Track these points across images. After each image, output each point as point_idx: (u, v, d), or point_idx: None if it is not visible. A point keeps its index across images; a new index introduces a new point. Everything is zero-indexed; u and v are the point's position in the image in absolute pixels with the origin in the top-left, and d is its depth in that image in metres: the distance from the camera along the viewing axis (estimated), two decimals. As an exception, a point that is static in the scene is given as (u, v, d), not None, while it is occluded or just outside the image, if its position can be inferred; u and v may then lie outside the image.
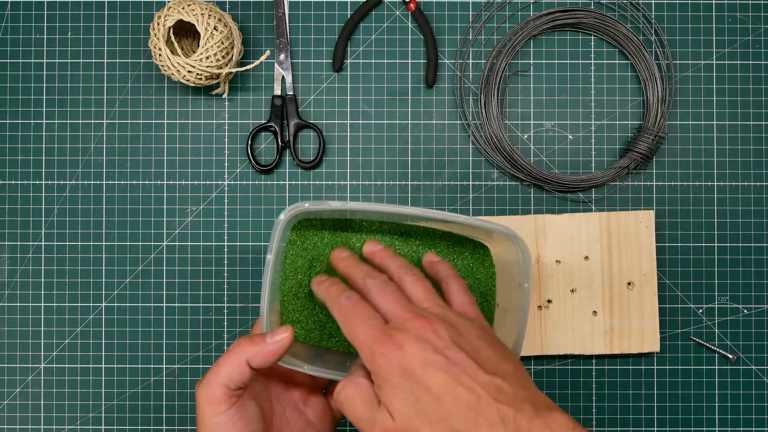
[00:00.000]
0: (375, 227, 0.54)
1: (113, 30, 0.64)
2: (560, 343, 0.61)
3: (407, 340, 0.40)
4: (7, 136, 0.63)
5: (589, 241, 0.61)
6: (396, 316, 0.42)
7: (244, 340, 0.45)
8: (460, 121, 0.64)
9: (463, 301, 0.46)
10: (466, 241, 0.54)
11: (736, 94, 0.64)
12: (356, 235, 0.54)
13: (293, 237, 0.53)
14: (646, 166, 0.63)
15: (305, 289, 0.53)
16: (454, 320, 0.42)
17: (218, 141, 0.63)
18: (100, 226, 0.63)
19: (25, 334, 0.63)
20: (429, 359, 0.39)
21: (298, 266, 0.53)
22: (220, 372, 0.44)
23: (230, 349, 0.45)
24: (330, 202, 0.48)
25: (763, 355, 0.63)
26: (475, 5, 0.64)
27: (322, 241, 0.53)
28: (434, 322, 0.41)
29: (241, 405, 0.45)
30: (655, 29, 0.63)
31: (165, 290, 0.63)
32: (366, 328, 0.41)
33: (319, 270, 0.53)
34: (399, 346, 0.40)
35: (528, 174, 0.62)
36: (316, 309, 0.53)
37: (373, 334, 0.41)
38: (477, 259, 0.54)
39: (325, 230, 0.53)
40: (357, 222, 0.54)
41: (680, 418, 0.63)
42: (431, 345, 0.40)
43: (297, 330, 0.53)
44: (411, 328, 0.40)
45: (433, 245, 0.54)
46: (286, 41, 0.63)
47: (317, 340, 0.53)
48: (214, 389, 0.44)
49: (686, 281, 0.63)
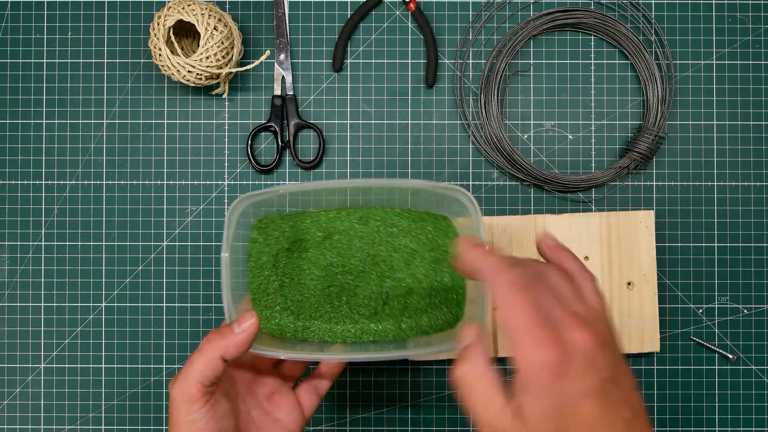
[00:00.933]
0: (332, 215, 0.54)
1: (113, 30, 0.64)
2: (560, 343, 0.61)
3: (575, 357, 0.37)
4: (7, 136, 0.63)
5: (589, 241, 0.61)
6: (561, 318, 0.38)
7: (214, 335, 0.45)
8: (460, 121, 0.64)
9: (600, 303, 0.42)
10: (426, 215, 0.55)
11: (736, 94, 0.64)
12: (315, 225, 0.54)
13: (255, 235, 0.54)
14: (646, 166, 0.63)
15: (274, 284, 0.54)
16: (609, 337, 0.39)
17: (218, 141, 0.63)
18: (100, 226, 0.63)
19: (25, 334, 0.63)
20: (590, 386, 0.36)
21: (263, 263, 0.54)
22: (194, 369, 0.44)
23: (201, 346, 0.45)
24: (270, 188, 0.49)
25: (763, 355, 0.63)
26: (475, 5, 0.64)
27: (283, 234, 0.54)
28: (599, 337, 0.38)
29: (214, 402, 0.45)
30: (655, 29, 0.63)
31: (165, 290, 0.63)
32: (530, 322, 0.37)
33: (285, 264, 0.54)
34: (566, 361, 0.36)
35: (528, 174, 0.62)
36: (288, 302, 0.53)
37: (538, 334, 0.37)
38: (440, 230, 0.55)
39: (285, 225, 0.54)
40: (315, 213, 0.54)
41: (680, 418, 0.63)
42: (596, 370, 0.37)
43: (271, 326, 0.53)
44: (579, 343, 0.37)
45: (394, 225, 0.54)
46: (286, 41, 0.63)
47: (292, 332, 0.53)
48: (189, 387, 0.44)
49: (686, 281, 0.63)
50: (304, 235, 0.55)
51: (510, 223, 0.61)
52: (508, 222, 0.61)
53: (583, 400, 0.36)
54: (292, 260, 0.54)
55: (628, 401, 0.38)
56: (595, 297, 0.42)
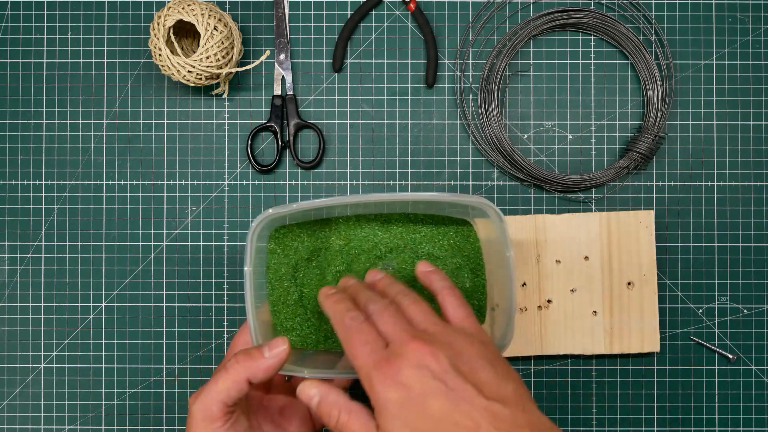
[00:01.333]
0: (352, 221, 0.53)
1: (113, 30, 0.64)
2: (560, 343, 0.61)
3: (405, 366, 0.39)
4: (7, 136, 0.63)
5: (589, 241, 0.61)
6: (395, 339, 0.41)
7: (243, 357, 0.45)
8: (460, 121, 0.64)
9: (460, 315, 0.45)
10: (448, 221, 0.54)
11: (736, 94, 0.64)
12: (335, 233, 0.54)
13: (273, 246, 0.53)
14: (646, 166, 0.63)
15: (293, 295, 0.53)
16: (453, 339, 0.42)
17: (218, 141, 0.63)
18: (100, 226, 0.63)
19: (25, 334, 0.63)
20: (427, 386, 0.39)
21: (282, 274, 0.53)
22: (219, 388, 0.44)
23: (229, 366, 0.44)
24: (293, 204, 0.47)
25: (763, 355, 0.63)
26: (475, 5, 0.64)
27: (302, 244, 0.53)
28: (432, 344, 0.40)
29: (234, 421, 0.45)
30: (655, 29, 0.63)
31: (165, 290, 0.63)
32: (366, 351, 0.41)
33: (305, 274, 0.53)
34: (397, 372, 0.39)
35: (528, 174, 0.62)
36: (308, 314, 0.53)
37: (373, 358, 0.40)
38: (462, 236, 0.54)
39: (304, 234, 0.53)
40: (334, 220, 0.54)
41: (680, 418, 0.63)
42: (429, 370, 0.39)
43: (293, 337, 0.53)
44: (409, 352, 0.40)
45: (416, 230, 0.54)
46: (286, 41, 0.63)
47: (314, 344, 0.53)
48: (211, 405, 0.44)
49: (686, 281, 0.63)
50: (323, 243, 0.54)
51: (510, 223, 0.61)
52: (508, 222, 0.61)
53: (427, 400, 0.38)
54: (312, 270, 0.53)
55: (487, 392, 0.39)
56: (456, 310, 0.45)
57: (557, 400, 0.63)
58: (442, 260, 0.54)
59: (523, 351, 0.61)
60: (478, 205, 0.49)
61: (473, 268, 0.54)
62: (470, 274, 0.54)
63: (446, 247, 0.54)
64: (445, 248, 0.54)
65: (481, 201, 0.49)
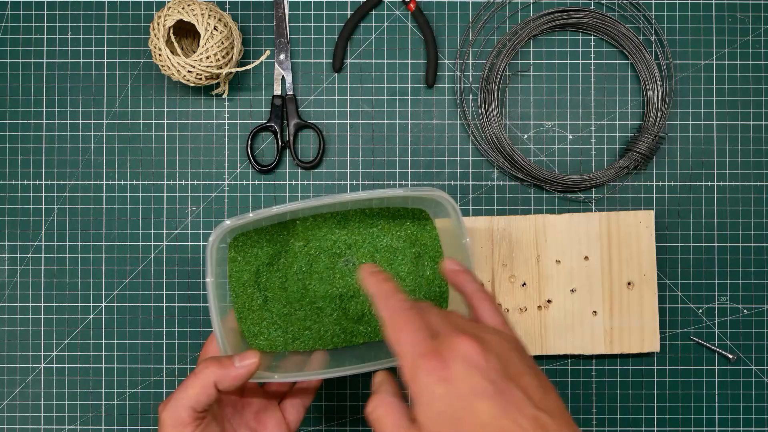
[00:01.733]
0: (309, 222, 0.54)
1: (113, 30, 0.64)
2: (560, 343, 0.61)
3: (455, 360, 0.37)
4: (7, 136, 0.63)
5: (589, 241, 0.61)
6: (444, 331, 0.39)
7: (212, 363, 0.45)
8: (460, 121, 0.64)
9: (499, 321, 0.43)
10: (404, 212, 0.55)
11: (736, 94, 0.64)
12: (293, 236, 0.54)
13: (233, 254, 0.53)
14: (646, 166, 0.63)
15: (258, 300, 0.53)
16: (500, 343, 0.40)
17: (218, 141, 0.63)
18: (100, 226, 0.63)
19: (25, 334, 0.63)
20: (477, 385, 0.37)
21: (245, 281, 0.53)
22: (188, 394, 0.44)
23: (197, 372, 0.45)
24: (248, 214, 0.48)
25: (763, 355, 0.63)
26: (475, 5, 0.64)
27: (262, 250, 0.54)
28: (483, 343, 0.38)
29: (204, 427, 0.45)
30: (655, 29, 0.63)
31: (165, 290, 0.63)
32: (414, 337, 0.39)
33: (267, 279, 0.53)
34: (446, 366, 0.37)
35: (528, 174, 0.62)
36: (274, 317, 0.53)
37: (420, 346, 0.38)
38: (419, 226, 0.55)
39: (263, 239, 0.54)
40: (291, 222, 0.54)
41: (680, 418, 0.63)
42: (480, 369, 0.37)
43: (260, 341, 0.53)
44: (460, 348, 0.38)
45: (373, 224, 0.54)
46: (286, 41, 0.63)
47: (282, 346, 0.53)
48: (180, 411, 0.44)
49: (686, 281, 0.63)
50: (283, 247, 0.54)
51: (510, 223, 0.61)
52: (508, 222, 0.61)
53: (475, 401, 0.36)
54: (274, 274, 0.54)
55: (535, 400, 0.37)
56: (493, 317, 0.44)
57: (557, 400, 0.63)
58: (401, 251, 0.54)
59: (523, 351, 0.61)
60: (431, 196, 0.50)
61: (432, 256, 0.55)
62: (430, 262, 0.55)
63: (404, 238, 0.55)
64: (403, 239, 0.55)
65: (434, 192, 0.49)
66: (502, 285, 0.61)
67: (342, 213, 0.55)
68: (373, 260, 0.55)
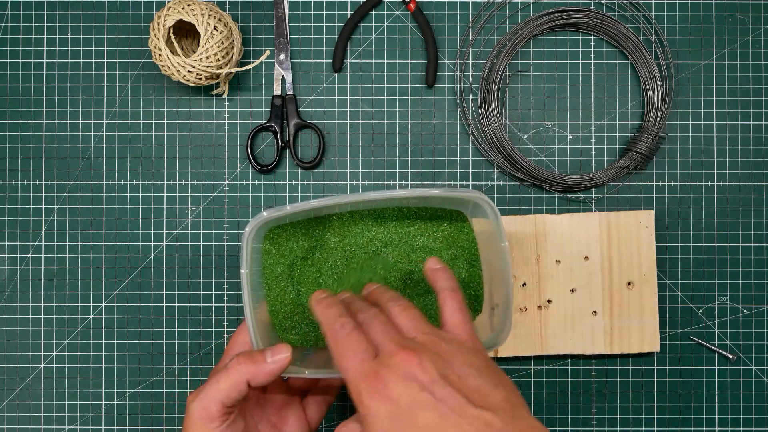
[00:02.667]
0: (346, 218, 0.54)
1: (113, 30, 0.64)
2: (560, 343, 0.61)
3: (393, 379, 0.39)
4: (7, 136, 0.63)
5: (589, 241, 0.61)
6: (383, 349, 0.41)
7: (245, 359, 0.45)
8: (460, 121, 0.64)
9: (456, 320, 0.44)
10: (442, 212, 0.54)
11: (736, 94, 0.64)
12: (329, 231, 0.54)
13: (268, 246, 0.53)
14: (646, 166, 0.63)
15: (291, 294, 0.53)
16: (442, 348, 0.41)
17: (218, 141, 0.63)
18: (100, 226, 0.63)
19: (25, 334, 0.63)
20: (415, 398, 0.38)
21: (278, 274, 0.53)
22: (219, 388, 0.44)
23: (229, 367, 0.45)
24: (286, 206, 0.47)
25: (763, 355, 0.63)
26: (475, 5, 0.64)
27: (297, 244, 0.53)
28: (420, 353, 0.40)
29: (231, 422, 0.45)
30: (655, 29, 0.63)
31: (165, 290, 0.63)
32: (354, 361, 0.40)
33: (301, 273, 0.53)
34: (385, 386, 0.39)
35: (528, 174, 0.62)
36: (306, 312, 0.53)
37: (361, 369, 0.40)
38: (456, 227, 0.54)
39: (298, 233, 0.53)
40: (328, 218, 0.54)
41: (680, 418, 0.63)
42: (417, 382, 0.39)
43: (291, 336, 0.53)
44: (397, 363, 0.39)
45: (410, 224, 0.54)
46: (286, 41, 0.63)
47: (313, 341, 0.53)
48: (210, 405, 0.44)
49: (686, 281, 0.63)
50: (318, 241, 0.54)
51: (510, 223, 0.61)
52: (508, 222, 0.61)
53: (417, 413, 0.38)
54: (308, 268, 0.54)
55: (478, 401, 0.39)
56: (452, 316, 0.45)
57: (557, 400, 0.63)
58: (437, 251, 0.54)
59: (523, 351, 0.61)
60: (470, 198, 0.49)
61: (468, 259, 0.54)
62: (466, 264, 0.54)
63: (441, 239, 0.54)
64: (440, 240, 0.54)
65: (473, 194, 0.49)
66: (502, 285, 0.61)
67: (379, 211, 0.54)
68: (409, 260, 0.54)
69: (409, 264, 0.54)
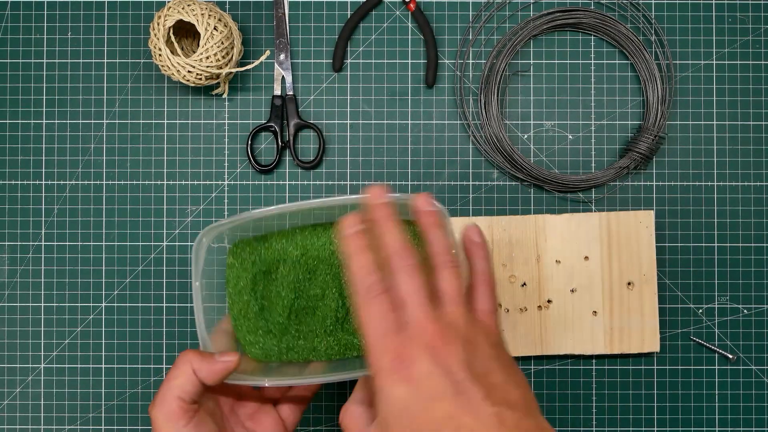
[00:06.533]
0: (308, 231, 0.53)
1: (113, 30, 0.64)
2: (560, 343, 0.61)
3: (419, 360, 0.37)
4: (7, 136, 0.63)
5: (589, 241, 0.61)
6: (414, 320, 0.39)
7: (191, 352, 0.45)
8: (460, 121, 0.64)
9: (487, 308, 0.43)
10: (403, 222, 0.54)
11: (736, 94, 0.64)
12: (292, 244, 0.53)
13: (231, 260, 0.53)
14: (646, 166, 0.63)
15: (254, 308, 0.52)
16: (472, 334, 0.39)
17: (218, 141, 0.63)
18: (100, 226, 0.63)
19: (25, 334, 0.63)
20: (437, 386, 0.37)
21: (241, 287, 0.52)
22: (172, 385, 0.44)
23: (177, 363, 0.45)
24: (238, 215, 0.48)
25: (763, 355, 0.63)
26: (475, 5, 0.64)
27: (259, 258, 0.53)
28: (452, 339, 0.38)
29: (198, 421, 0.45)
30: (655, 29, 0.63)
31: (165, 290, 0.63)
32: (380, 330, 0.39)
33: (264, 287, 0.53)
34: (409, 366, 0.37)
35: (528, 174, 0.62)
36: (269, 326, 0.52)
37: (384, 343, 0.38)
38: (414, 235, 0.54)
39: (260, 247, 0.53)
40: (291, 230, 0.53)
41: (680, 418, 0.63)
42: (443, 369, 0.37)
43: (255, 350, 0.52)
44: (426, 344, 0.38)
45: None
46: (286, 41, 0.63)
47: (276, 356, 0.52)
48: (170, 404, 0.44)
49: (686, 281, 0.63)
50: (280, 255, 0.53)
51: (510, 223, 0.61)
52: (508, 222, 0.61)
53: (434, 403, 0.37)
54: (271, 282, 0.53)
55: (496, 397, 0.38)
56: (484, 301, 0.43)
57: (557, 400, 0.63)
58: None
59: (523, 351, 0.61)
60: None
61: None
62: None
63: None
64: None
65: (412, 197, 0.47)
66: (502, 285, 0.61)
67: None
68: None
69: None
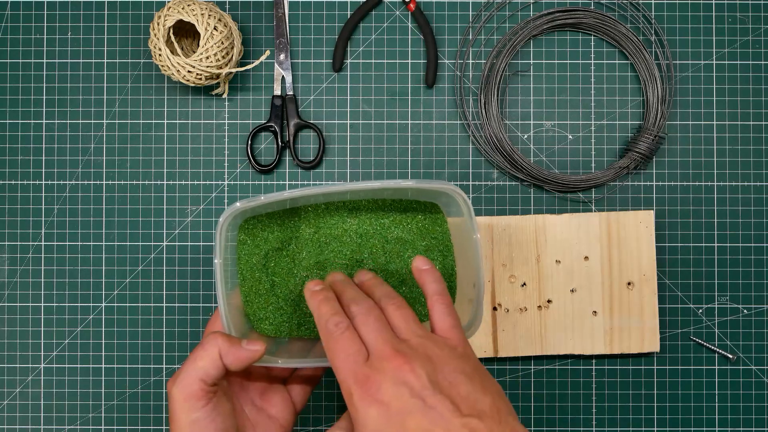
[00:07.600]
0: (321, 210, 0.54)
1: (113, 30, 0.64)
2: (560, 343, 0.61)
3: (385, 383, 0.40)
4: (7, 136, 0.63)
5: (589, 241, 0.61)
6: (376, 351, 0.41)
7: (221, 336, 0.45)
8: (460, 121, 0.64)
9: (446, 325, 0.45)
10: (417, 204, 0.55)
11: (736, 94, 0.64)
12: (304, 222, 0.54)
13: (242, 237, 0.53)
14: (646, 166, 0.63)
15: (265, 284, 0.53)
16: (434, 352, 0.42)
17: (218, 141, 0.63)
18: (100, 226, 0.63)
19: (25, 334, 0.63)
20: (406, 403, 0.39)
21: (253, 264, 0.53)
22: (197, 366, 0.44)
23: (205, 343, 0.44)
24: (260, 197, 0.48)
25: (763, 355, 0.63)
26: (475, 5, 0.64)
27: (272, 234, 0.54)
28: (413, 359, 0.41)
29: (216, 401, 0.45)
30: (655, 29, 0.63)
31: (165, 290, 0.63)
32: (347, 363, 0.41)
33: (276, 263, 0.53)
34: (377, 389, 0.40)
35: (528, 174, 0.62)
36: (281, 302, 0.53)
37: (353, 371, 0.41)
38: (430, 219, 0.55)
39: (273, 224, 0.54)
40: (303, 209, 0.54)
41: (680, 418, 0.63)
42: (408, 387, 0.40)
43: (266, 326, 0.53)
44: (389, 368, 0.40)
45: (385, 216, 0.54)
46: (286, 41, 0.63)
47: (287, 332, 0.53)
48: (191, 384, 0.44)
49: (686, 281, 0.63)
50: (293, 232, 0.54)
51: (510, 223, 0.61)
52: (508, 222, 0.61)
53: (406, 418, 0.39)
54: (283, 259, 0.54)
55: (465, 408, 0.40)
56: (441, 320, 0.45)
57: (557, 400, 0.63)
58: (411, 243, 0.54)
59: (523, 351, 0.61)
60: (443, 189, 0.49)
61: (442, 250, 0.55)
62: (439, 256, 0.55)
63: (415, 231, 0.54)
64: (415, 231, 0.54)
65: (446, 185, 0.49)
66: (502, 285, 0.61)
67: (354, 203, 0.55)
68: (384, 251, 0.55)
69: (384, 255, 0.54)
